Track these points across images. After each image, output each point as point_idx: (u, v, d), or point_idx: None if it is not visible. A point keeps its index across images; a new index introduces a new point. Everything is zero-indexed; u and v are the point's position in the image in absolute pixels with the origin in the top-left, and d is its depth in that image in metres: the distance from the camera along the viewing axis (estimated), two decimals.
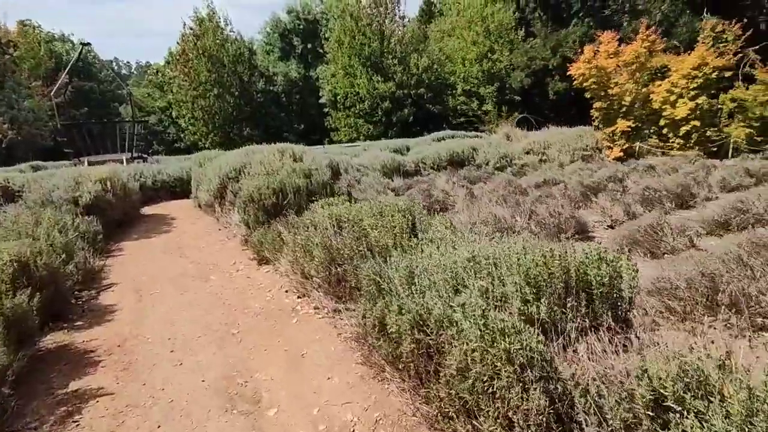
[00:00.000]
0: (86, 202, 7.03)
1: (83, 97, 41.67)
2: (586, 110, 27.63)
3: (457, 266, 2.65)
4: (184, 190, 11.30)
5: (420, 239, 3.49)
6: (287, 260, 4.46)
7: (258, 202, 5.85)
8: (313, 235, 4.03)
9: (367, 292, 2.96)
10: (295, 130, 43.93)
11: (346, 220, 3.95)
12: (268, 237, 5.03)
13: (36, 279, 3.77)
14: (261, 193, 5.89)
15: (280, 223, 5.18)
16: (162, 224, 8.58)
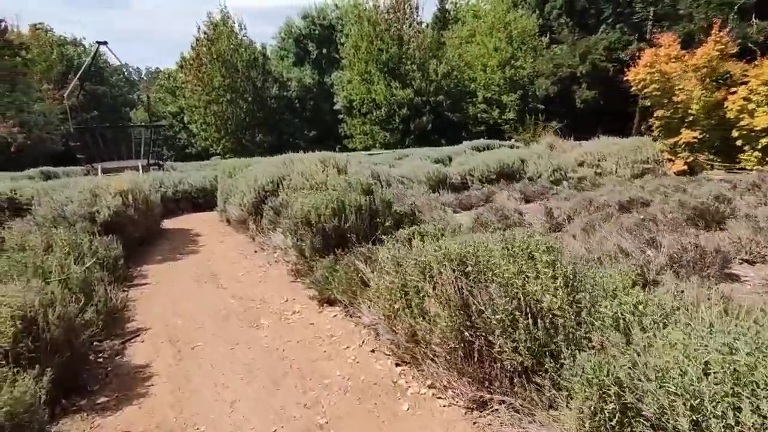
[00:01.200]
0: (105, 219, 6.00)
1: (95, 101, 41.09)
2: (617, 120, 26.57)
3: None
4: (208, 202, 10.28)
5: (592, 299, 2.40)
6: (377, 310, 3.38)
7: (316, 224, 4.78)
8: (422, 282, 2.95)
9: (584, 399, 1.85)
10: (307, 137, 43.08)
11: (474, 263, 2.86)
12: (340, 275, 3.95)
13: (46, 341, 2.70)
14: (319, 214, 4.82)
15: (353, 255, 4.10)
16: (188, 242, 7.54)
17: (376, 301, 3.44)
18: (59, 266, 4.02)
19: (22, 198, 6.79)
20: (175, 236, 7.99)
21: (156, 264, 6.28)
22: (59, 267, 3.99)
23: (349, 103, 35.57)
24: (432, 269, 3.04)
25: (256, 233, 6.94)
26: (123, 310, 4.50)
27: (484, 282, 2.68)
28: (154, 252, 6.91)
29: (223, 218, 8.60)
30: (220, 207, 8.76)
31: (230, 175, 8.22)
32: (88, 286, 3.97)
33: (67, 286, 3.75)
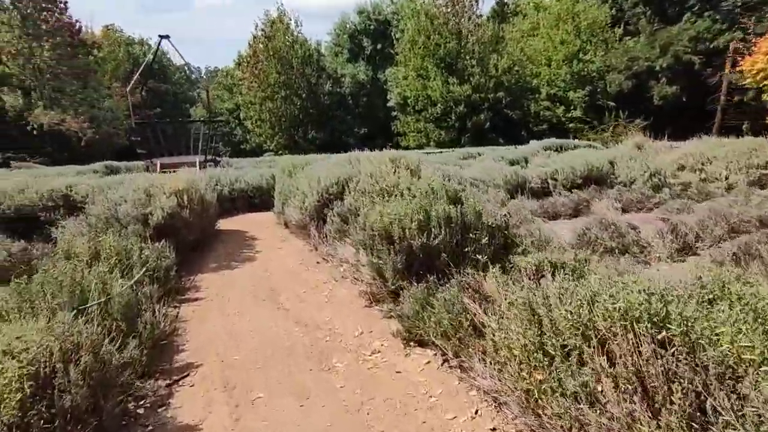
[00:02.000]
0: (158, 222, 5.43)
1: (158, 98, 42.72)
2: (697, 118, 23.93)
3: None
4: (264, 202, 9.71)
5: None
6: (499, 370, 2.43)
7: (400, 241, 3.89)
8: (583, 345, 1.96)
9: None
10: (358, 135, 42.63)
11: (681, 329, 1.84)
12: (440, 313, 3.02)
13: (65, 409, 1.97)
14: (403, 227, 3.93)
15: (456, 285, 3.16)
16: (243, 247, 6.91)
17: (498, 357, 2.49)
18: (101, 282, 3.36)
19: (77, 195, 6.42)
20: (231, 239, 7.40)
21: (210, 273, 5.65)
22: (101, 284, 3.34)
23: (403, 99, 34.67)
24: (598, 328, 2.06)
25: (318, 241, 6.17)
26: (172, 335, 3.81)
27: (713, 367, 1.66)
28: (209, 257, 6.31)
29: (281, 221, 7.94)
30: (277, 208, 8.11)
31: (290, 174, 7.53)
32: (131, 309, 3.28)
33: (107, 311, 3.08)
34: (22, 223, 6.14)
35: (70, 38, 30.00)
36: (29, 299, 3.02)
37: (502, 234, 4.55)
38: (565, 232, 5.92)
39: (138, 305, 3.64)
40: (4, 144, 34.61)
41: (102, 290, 3.30)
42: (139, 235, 5.28)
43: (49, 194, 6.30)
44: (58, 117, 28.82)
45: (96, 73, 33.78)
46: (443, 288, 3.34)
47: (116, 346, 2.79)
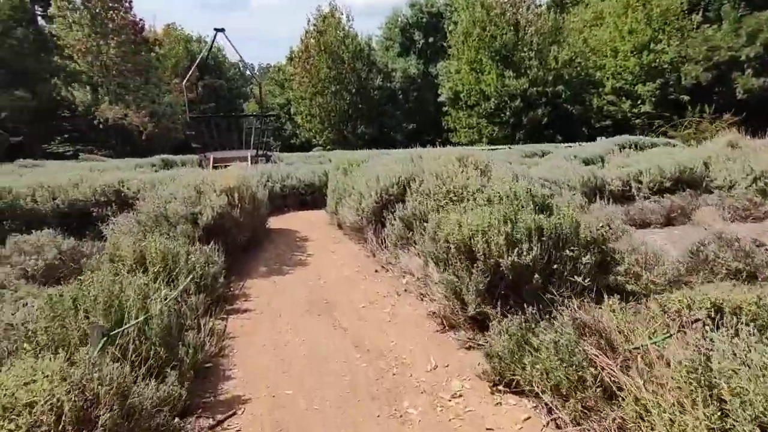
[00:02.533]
0: (207, 222, 5.04)
1: (213, 94, 44.00)
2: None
3: None
4: (315, 200, 9.30)
5: None
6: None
7: (486, 258, 3.22)
8: None
9: None
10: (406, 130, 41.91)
11: None
12: (550, 360, 2.32)
13: None
14: (488, 240, 3.25)
15: (571, 324, 2.46)
16: (294, 248, 6.47)
17: None
18: (141, 297, 2.93)
19: (128, 191, 6.21)
20: (282, 239, 6.99)
21: (260, 278, 5.21)
22: (141, 299, 2.90)
23: (455, 94, 33.58)
24: None
25: (376, 247, 5.59)
26: (218, 356, 3.35)
27: None
28: (259, 259, 5.89)
29: (334, 221, 7.45)
30: (330, 208, 7.63)
31: (345, 171, 7.01)
32: (172, 330, 2.82)
33: (144, 334, 2.63)
34: (76, 218, 5.99)
35: (134, 36, 31.27)
36: (61, 316, 2.62)
37: (598, 249, 3.76)
38: (668, 247, 5.00)
39: (181, 322, 3.20)
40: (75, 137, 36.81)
41: (141, 306, 2.87)
42: (187, 235, 4.92)
43: (101, 189, 6.13)
44: (121, 112, 30.17)
45: (157, 69, 35.11)
46: (547, 325, 2.63)
47: (152, 379, 2.31)
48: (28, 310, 2.86)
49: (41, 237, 5.16)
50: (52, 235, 5.24)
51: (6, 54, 31.87)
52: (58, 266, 5.02)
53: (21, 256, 4.96)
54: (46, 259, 4.95)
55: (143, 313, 2.78)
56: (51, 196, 5.91)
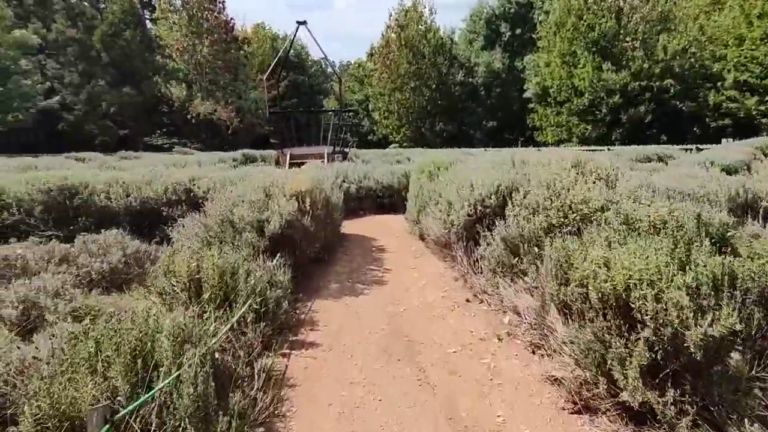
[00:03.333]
0: (274, 231, 4.41)
1: (295, 90, 45.23)
2: None
3: None
4: (393, 203, 8.52)
5: None
6: None
7: (659, 325, 2.15)
8: None
9: None
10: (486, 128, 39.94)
11: None
12: None
13: None
14: (660, 298, 2.17)
15: None
16: (370, 261, 5.71)
17: None
18: (179, 341, 2.27)
19: (198, 190, 5.84)
20: (357, 249, 6.27)
21: (331, 298, 4.49)
22: (179, 342, 2.24)
23: (543, 89, 31.21)
24: None
25: (467, 269, 4.64)
26: (273, 415, 2.62)
27: None
28: (329, 273, 5.20)
29: (415, 231, 6.59)
30: (410, 215, 6.78)
31: (429, 175, 6.11)
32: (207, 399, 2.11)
33: (173, 403, 1.94)
34: (147, 217, 5.71)
35: (225, 35, 32.77)
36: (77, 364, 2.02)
37: None
38: None
39: (230, 367, 2.51)
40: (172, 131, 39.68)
41: (178, 353, 2.20)
42: (252, 245, 4.32)
43: (173, 187, 5.81)
44: (211, 107, 31.82)
45: (245, 66, 36.63)
46: None
47: None
48: (56, 342, 2.32)
49: (108, 237, 4.87)
50: (119, 236, 4.92)
51: (117, 54, 34.97)
52: (122, 270, 4.67)
53: (88, 258, 4.67)
54: (110, 262, 4.62)
55: (176, 367, 2.09)
56: (125, 192, 5.67)
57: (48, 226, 5.35)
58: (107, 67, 34.71)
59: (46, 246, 4.84)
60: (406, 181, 8.39)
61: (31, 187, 5.41)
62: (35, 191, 5.40)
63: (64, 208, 5.47)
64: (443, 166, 6.11)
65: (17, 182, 5.51)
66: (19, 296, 3.61)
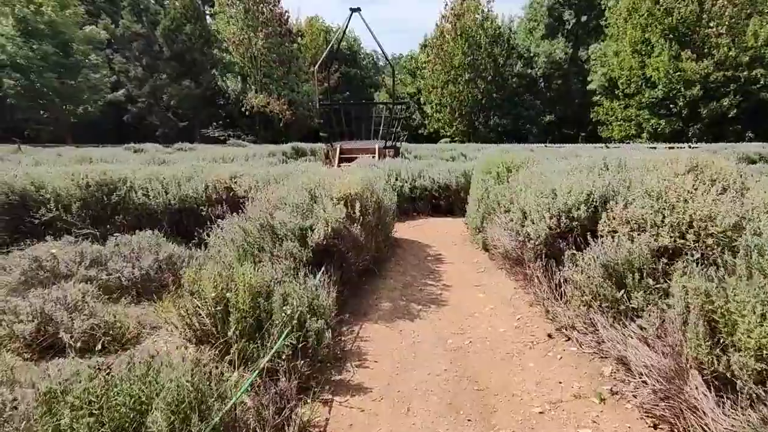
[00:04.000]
0: (318, 241, 3.79)
1: (347, 82, 45.02)
2: None
3: None
4: (450, 205, 7.73)
5: None
6: None
7: None
8: None
9: None
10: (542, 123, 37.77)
11: None
12: None
13: None
14: None
15: None
16: (426, 274, 4.99)
17: None
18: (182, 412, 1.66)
19: (239, 188, 5.36)
20: (410, 258, 5.56)
21: (381, 321, 3.82)
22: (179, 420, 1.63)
23: (610, 81, 28.93)
24: None
25: (548, 295, 3.80)
26: None
27: None
28: (380, 290, 4.53)
29: (477, 239, 5.79)
30: (472, 221, 5.98)
31: (498, 177, 5.27)
32: None
33: None
34: (186, 217, 5.30)
35: (279, 27, 32.93)
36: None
37: None
38: None
39: None
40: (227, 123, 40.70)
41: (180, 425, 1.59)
42: (293, 256, 3.73)
43: (213, 185, 5.35)
44: (265, 100, 32.14)
45: (298, 59, 36.76)
46: None
47: None
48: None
49: (141, 239, 4.46)
50: (153, 238, 4.51)
51: (178, 48, 36.15)
52: (155, 277, 4.25)
53: (119, 262, 4.28)
54: (141, 268, 4.20)
55: None
56: (164, 189, 5.28)
57: (85, 223, 5.04)
58: (169, 61, 36.00)
59: (79, 246, 4.51)
60: (464, 181, 7.58)
61: (70, 181, 5.12)
62: (74, 186, 5.11)
63: (102, 205, 5.15)
64: (514, 166, 5.25)
65: (58, 176, 5.25)
66: (35, 309, 3.22)
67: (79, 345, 3.12)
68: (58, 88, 28.56)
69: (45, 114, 30.16)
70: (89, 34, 30.30)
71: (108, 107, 34.36)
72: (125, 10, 36.71)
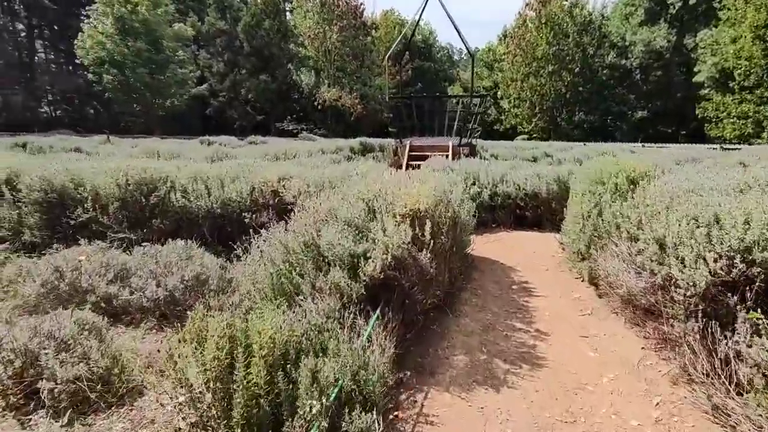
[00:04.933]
0: (374, 274, 2.83)
1: (420, 76, 43.86)
2: None
3: None
4: (537, 216, 6.46)
5: None
6: None
7: None
8: None
9: None
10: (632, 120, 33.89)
11: None
12: None
13: None
14: None
15: None
16: (513, 311, 3.86)
17: None
18: None
19: (287, 193, 4.56)
20: (490, 285, 4.45)
21: (453, 392, 2.78)
22: None
23: (722, 72, 25.11)
24: None
25: (709, 375, 2.54)
26: None
27: None
28: (452, 334, 3.48)
29: (579, 268, 4.52)
30: (572, 243, 4.71)
31: (616, 190, 3.97)
32: None
33: None
34: (229, 223, 4.60)
35: (354, 20, 32.53)
36: None
37: None
38: None
39: None
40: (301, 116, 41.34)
41: None
42: (339, 291, 2.81)
43: (260, 188, 4.61)
44: (337, 94, 31.99)
45: (371, 53, 36.24)
46: None
47: None
48: None
49: (171, 251, 3.79)
50: (185, 249, 3.82)
51: (257, 44, 37.16)
52: (180, 298, 3.55)
53: (145, 277, 3.64)
54: (167, 287, 3.52)
55: None
56: (207, 191, 4.62)
57: (122, 227, 4.50)
58: (248, 56, 37.12)
59: (106, 255, 3.95)
60: (557, 188, 6.27)
61: (109, 179, 4.62)
62: (113, 185, 4.60)
63: (140, 206, 4.60)
64: (639, 176, 3.94)
65: (101, 172, 4.78)
66: (18, 347, 2.59)
67: (63, 397, 2.44)
68: (148, 83, 30.39)
69: (137, 107, 32.29)
70: (178, 31, 31.91)
71: (193, 101, 36.16)
72: (211, 8, 38.39)
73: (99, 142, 18.02)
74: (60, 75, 40.67)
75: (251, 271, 3.39)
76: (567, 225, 4.93)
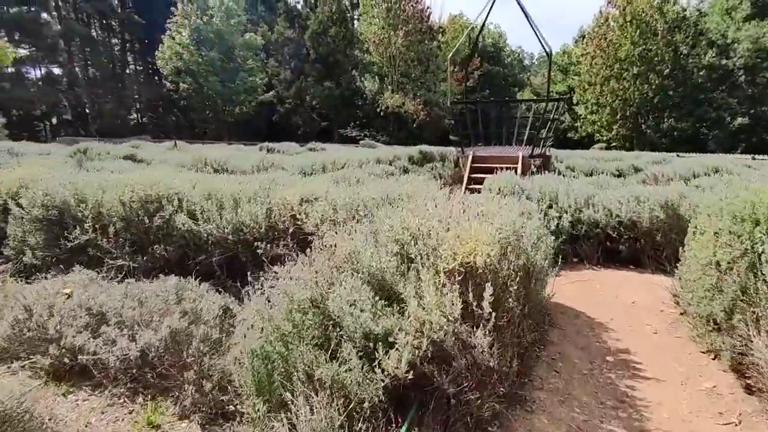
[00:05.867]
0: (399, 372, 1.77)
1: (488, 81, 42.03)
2: None
3: None
4: (634, 252, 5.04)
5: None
6: None
7: None
8: None
9: None
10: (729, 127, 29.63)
11: None
12: None
13: None
14: None
15: None
16: (610, 405, 2.64)
17: None
18: None
19: (306, 221, 3.58)
20: (574, 355, 3.22)
21: None
22: None
23: None
24: None
25: None
26: None
27: None
28: None
29: (709, 342, 3.17)
30: (700, 304, 3.33)
31: None
32: None
33: None
34: (241, 252, 3.77)
35: (420, 24, 31.65)
36: None
37: None
38: None
39: None
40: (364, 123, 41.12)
41: None
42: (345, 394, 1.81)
43: (279, 212, 3.74)
44: (400, 100, 31.21)
45: (437, 58, 35.14)
46: None
47: None
48: None
49: (158, 291, 3.01)
50: (174, 288, 3.02)
51: (323, 51, 37.46)
52: (153, 360, 2.74)
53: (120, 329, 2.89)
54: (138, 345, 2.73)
55: None
56: (218, 213, 3.84)
57: (122, 251, 3.83)
58: (314, 64, 37.52)
59: (88, 291, 3.25)
60: (665, 216, 4.84)
61: (113, 195, 3.98)
62: (116, 201, 3.95)
63: (144, 228, 3.91)
64: None
65: (109, 187, 4.17)
66: None
67: None
68: (220, 91, 31.51)
69: (209, 114, 33.65)
70: (248, 40, 32.90)
71: (260, 107, 37.16)
72: (281, 17, 39.36)
73: (167, 148, 18.52)
74: (146, 85, 43.70)
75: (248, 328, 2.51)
76: (687, 272, 3.57)
